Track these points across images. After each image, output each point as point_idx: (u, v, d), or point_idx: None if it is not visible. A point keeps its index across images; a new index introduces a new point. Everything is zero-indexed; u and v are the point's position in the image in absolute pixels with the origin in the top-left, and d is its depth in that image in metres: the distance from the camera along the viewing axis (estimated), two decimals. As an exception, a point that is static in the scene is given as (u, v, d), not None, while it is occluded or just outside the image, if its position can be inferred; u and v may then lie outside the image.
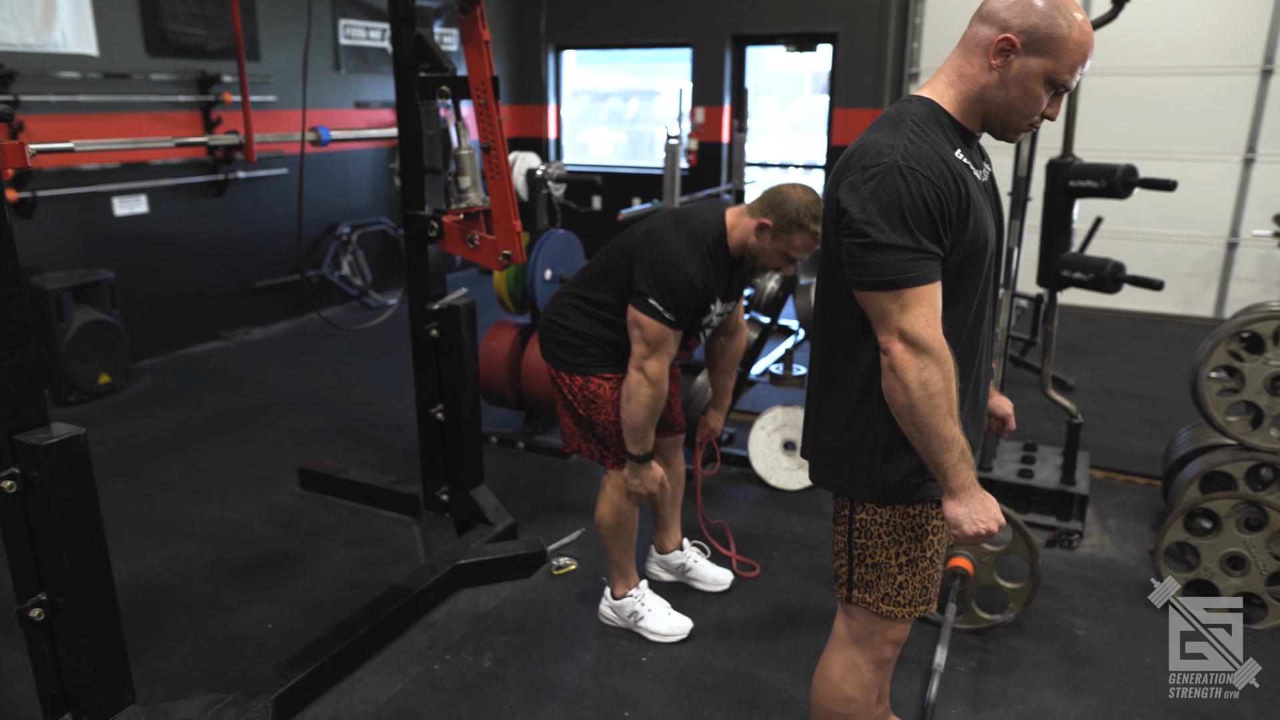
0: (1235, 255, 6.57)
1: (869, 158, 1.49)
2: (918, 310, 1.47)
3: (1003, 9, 1.50)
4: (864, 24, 7.26)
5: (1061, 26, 1.45)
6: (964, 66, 1.56)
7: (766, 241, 2.38)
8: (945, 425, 1.48)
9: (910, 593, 1.69)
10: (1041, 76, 1.49)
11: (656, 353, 2.35)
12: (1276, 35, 6.14)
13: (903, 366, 1.47)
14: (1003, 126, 1.57)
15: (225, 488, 3.78)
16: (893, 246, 1.45)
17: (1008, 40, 1.48)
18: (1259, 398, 2.88)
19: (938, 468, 1.53)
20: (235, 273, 6.01)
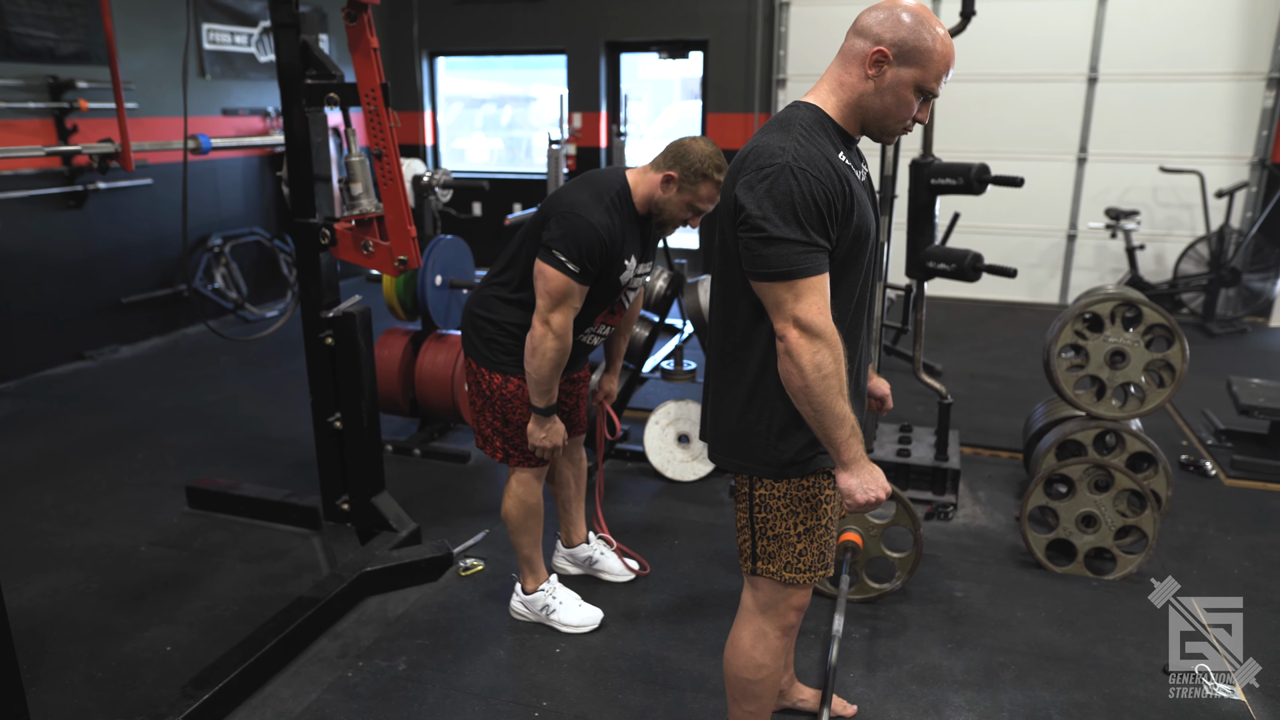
0: (1075, 246, 7.18)
1: (763, 158, 1.62)
2: (810, 299, 1.60)
3: (875, 24, 1.65)
4: (733, 32, 7.53)
5: (927, 40, 1.62)
6: (843, 76, 1.70)
7: (673, 193, 2.41)
8: (837, 404, 1.63)
9: (809, 559, 1.83)
10: (912, 85, 1.65)
11: (560, 306, 2.36)
12: (1099, 47, 6.76)
13: (798, 351, 1.60)
14: (879, 130, 1.73)
15: (105, 512, 3.61)
16: (786, 240, 1.58)
17: (880, 53, 1.63)
18: (1101, 371, 3.20)
19: (831, 443, 1.67)
20: (98, 289, 5.70)
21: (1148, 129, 6.79)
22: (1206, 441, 4.23)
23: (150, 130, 5.72)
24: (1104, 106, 6.87)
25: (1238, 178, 6.61)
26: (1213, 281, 6.41)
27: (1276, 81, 6.45)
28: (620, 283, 2.49)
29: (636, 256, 2.50)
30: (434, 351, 4.03)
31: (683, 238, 8.39)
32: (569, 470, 2.98)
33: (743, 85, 7.61)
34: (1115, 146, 6.91)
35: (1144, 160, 6.81)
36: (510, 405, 2.58)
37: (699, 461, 3.89)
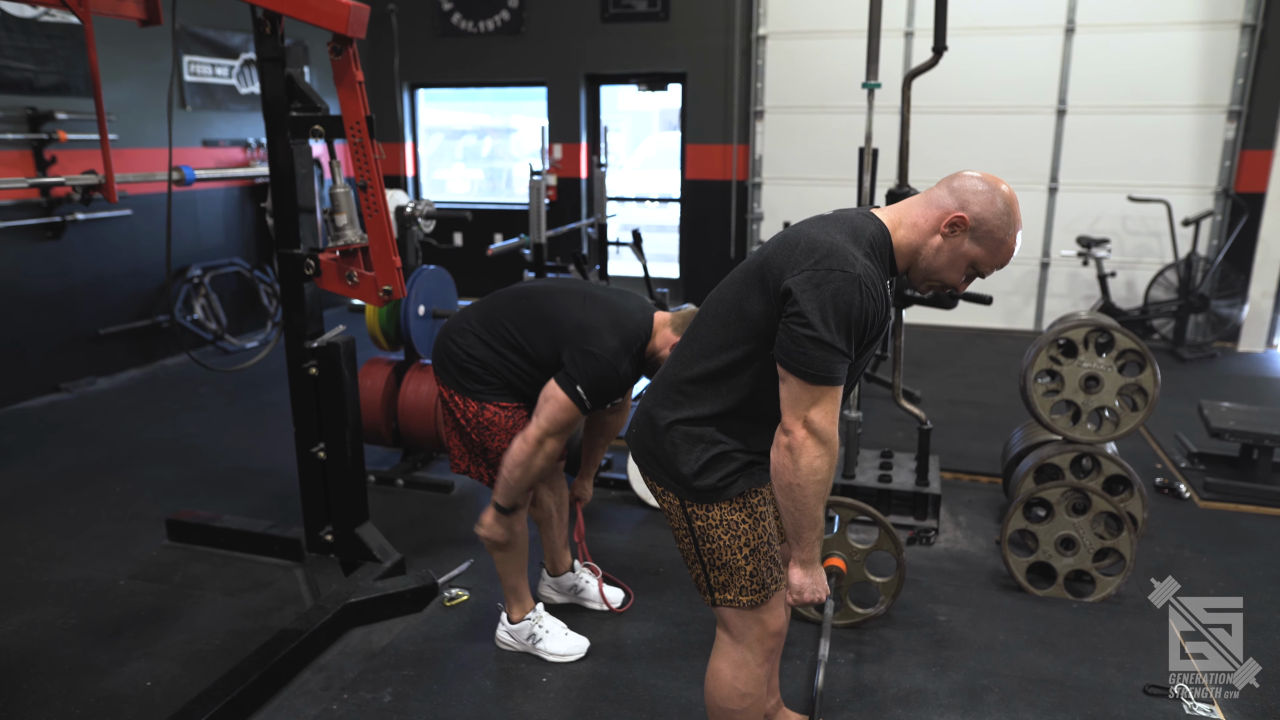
0: (1048, 274, 7.31)
1: (835, 260, 1.65)
2: (827, 406, 1.67)
3: (969, 192, 1.73)
4: (711, 65, 7.65)
5: (1005, 230, 1.72)
6: (920, 220, 1.76)
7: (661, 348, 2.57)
8: (818, 508, 1.72)
9: (761, 576, 1.87)
10: (970, 259, 1.74)
11: (558, 435, 2.48)
12: (1067, 80, 6.94)
13: (800, 450, 1.66)
14: (922, 279, 1.81)
15: (83, 546, 3.57)
16: (832, 348, 1.63)
17: (962, 220, 1.71)
18: (1076, 396, 3.26)
19: (799, 540, 1.76)
20: (76, 320, 5.65)
21: (1115, 160, 6.96)
22: (1180, 464, 4.31)
23: (130, 161, 5.72)
24: (1073, 138, 7.04)
25: (1203, 207, 6.77)
26: (1182, 308, 6.55)
27: (1237, 114, 6.64)
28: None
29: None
30: (417, 381, 4.04)
31: (663, 268, 8.46)
32: (550, 499, 2.98)
33: (721, 117, 7.72)
34: (1085, 176, 7.07)
35: (1113, 190, 6.97)
36: (487, 432, 2.62)
37: (682, 489, 3.90)
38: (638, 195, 9.15)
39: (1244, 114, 6.62)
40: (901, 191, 3.59)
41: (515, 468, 2.50)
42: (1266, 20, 6.46)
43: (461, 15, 8.20)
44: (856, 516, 2.94)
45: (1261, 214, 6.54)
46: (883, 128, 4.63)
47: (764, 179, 7.73)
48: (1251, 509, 3.89)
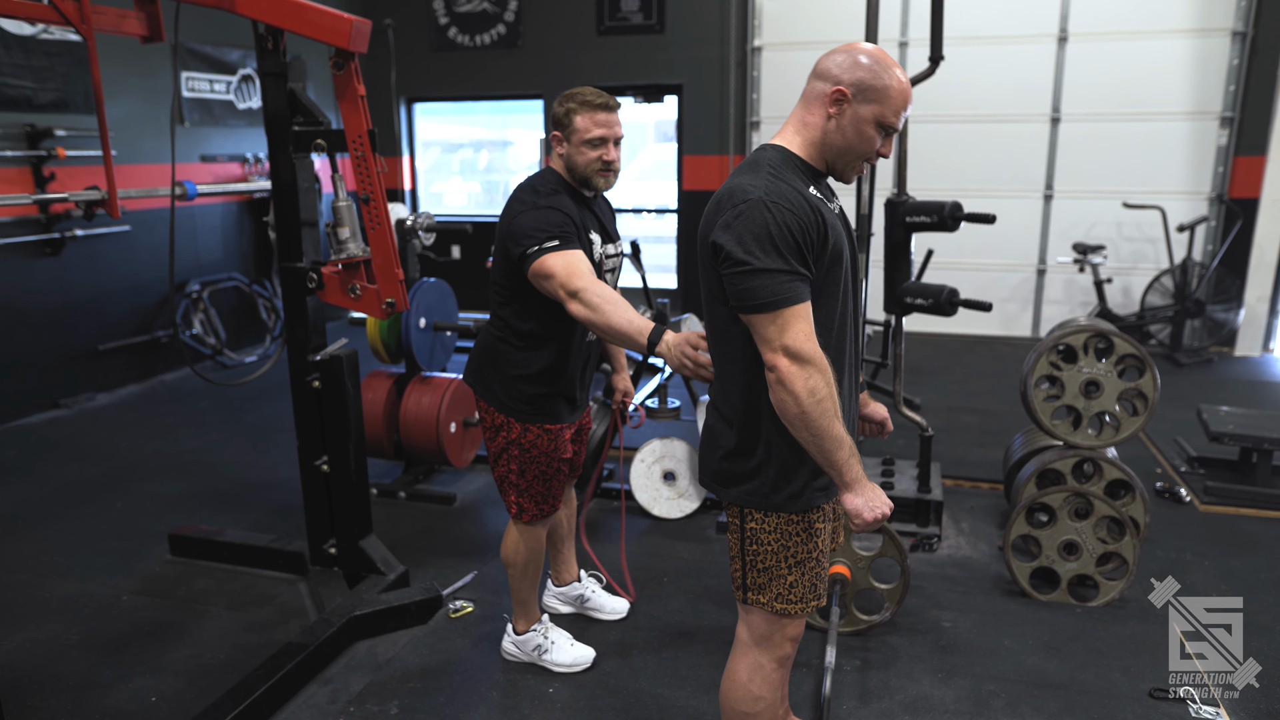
0: (1045, 280, 7.34)
1: (736, 197, 1.68)
2: (796, 327, 1.65)
3: (834, 66, 1.74)
4: (706, 77, 7.70)
5: (884, 78, 1.71)
6: (806, 116, 1.78)
7: (569, 148, 2.43)
8: (834, 426, 1.67)
9: (801, 590, 1.86)
10: (872, 120, 1.73)
11: (576, 277, 2.23)
12: (1060, 89, 6.99)
13: (790, 378, 1.64)
14: (843, 165, 1.80)
15: (86, 561, 3.56)
16: (768, 270, 1.63)
17: (840, 92, 1.72)
18: (1076, 401, 3.28)
19: (832, 465, 1.70)
20: (75, 336, 5.66)
21: (1110, 166, 7.00)
22: (1180, 468, 4.32)
23: (129, 177, 5.73)
24: (1067, 145, 7.08)
25: (1197, 212, 6.81)
26: (1178, 313, 6.58)
27: (1229, 120, 6.69)
28: (592, 260, 2.43)
29: (599, 234, 2.51)
30: (418, 394, 4.04)
31: (662, 278, 8.47)
32: (561, 510, 2.99)
33: (717, 128, 7.76)
34: (1080, 184, 7.11)
35: (1107, 196, 7.01)
36: (528, 456, 2.58)
37: (685, 499, 3.91)
38: (635, 207, 9.18)
39: (1236, 120, 6.67)
40: (900, 200, 3.61)
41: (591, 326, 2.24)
42: (1257, 28, 6.52)
43: (458, 29, 8.24)
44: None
45: (1255, 219, 6.58)
46: (879, 137, 4.67)
47: (760, 189, 7.75)
48: (1251, 512, 3.90)
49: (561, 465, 2.67)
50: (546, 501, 2.65)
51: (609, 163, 2.44)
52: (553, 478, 2.65)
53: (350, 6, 8.13)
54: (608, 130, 2.42)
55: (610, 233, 2.60)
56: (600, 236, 2.51)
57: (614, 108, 2.43)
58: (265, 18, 2.72)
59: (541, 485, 2.63)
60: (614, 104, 2.44)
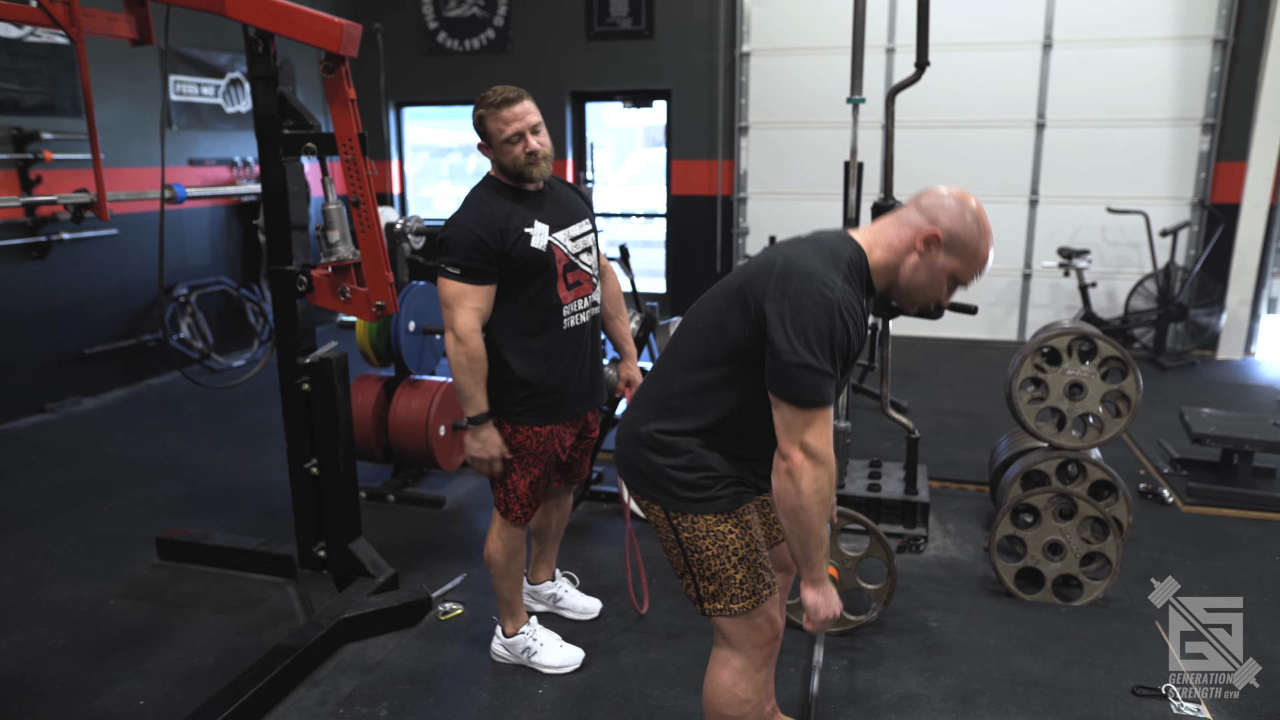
0: (1030, 284, 7.40)
1: (813, 284, 1.70)
2: (820, 428, 1.71)
3: (939, 209, 1.78)
4: (695, 82, 7.73)
5: (978, 241, 1.76)
6: (895, 240, 1.81)
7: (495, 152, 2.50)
8: (822, 527, 1.75)
9: (750, 583, 1.89)
10: (949, 272, 1.79)
11: (458, 309, 2.42)
12: (1045, 94, 7.06)
13: (800, 473, 1.70)
14: (905, 299, 1.86)
15: (72, 566, 3.55)
16: (819, 371, 1.68)
17: (935, 237, 1.76)
18: (1061, 403, 3.31)
19: (807, 560, 1.78)
20: (61, 340, 5.63)
21: (1094, 172, 7.07)
22: (1163, 470, 4.37)
23: (117, 181, 5.71)
24: (1052, 151, 7.14)
25: (1180, 217, 6.88)
26: (1161, 317, 6.65)
27: (1211, 127, 6.77)
28: (539, 250, 2.49)
29: (543, 221, 2.52)
30: (407, 397, 4.05)
31: (650, 283, 8.50)
32: (554, 514, 3.03)
33: (706, 133, 7.80)
34: (1065, 189, 7.18)
35: (1092, 201, 7.07)
36: (519, 455, 2.63)
37: (673, 501, 3.92)
38: (624, 211, 9.21)
39: (1218, 127, 6.75)
40: (887, 204, 3.64)
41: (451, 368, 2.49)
42: (1238, 36, 6.60)
43: (447, 34, 8.25)
44: (847, 525, 2.97)
45: (1237, 224, 6.65)
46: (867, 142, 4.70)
47: (749, 194, 7.80)
48: (1233, 513, 3.95)
49: (551, 468, 2.70)
50: (532, 504, 2.69)
51: (533, 153, 2.49)
52: (540, 480, 2.67)
53: (340, 10, 8.14)
54: (520, 123, 2.46)
55: (569, 216, 2.61)
56: (549, 224, 2.53)
57: (517, 100, 2.47)
58: (256, 21, 2.73)
59: (528, 488, 2.66)
60: (516, 96, 2.47)
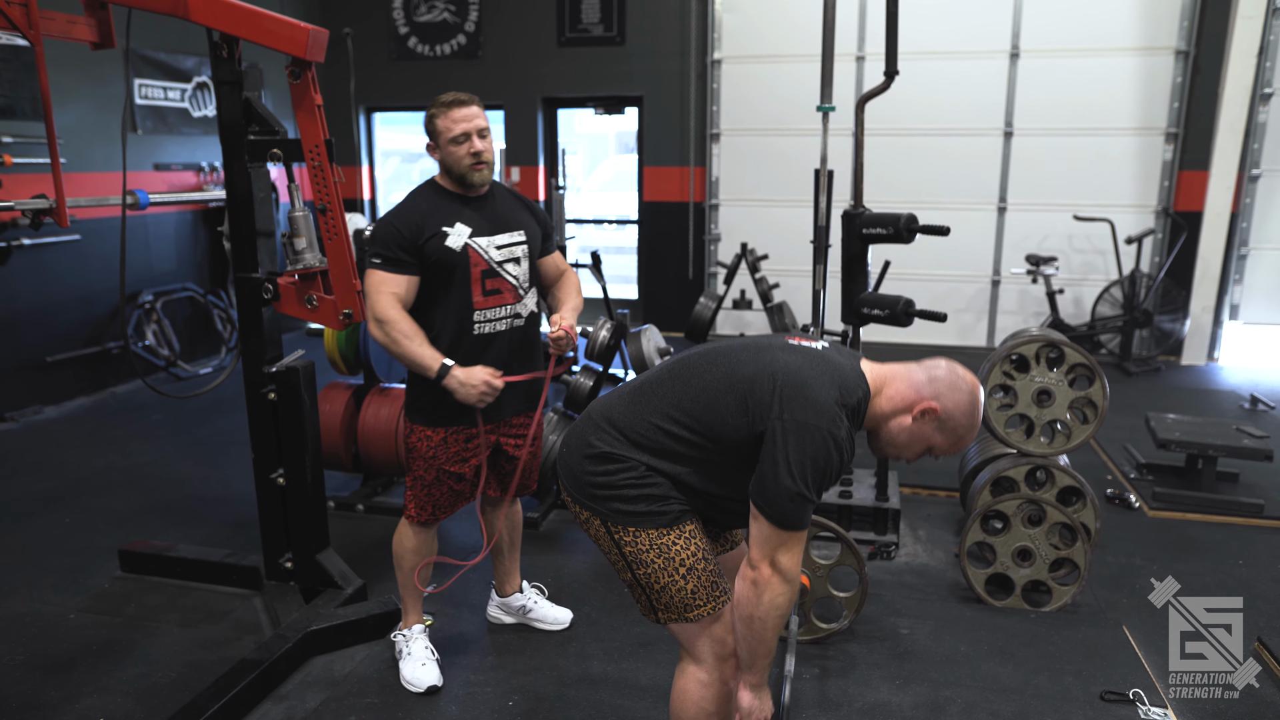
0: (999, 291, 7.48)
1: (823, 420, 1.71)
2: (794, 548, 1.75)
3: (949, 387, 1.81)
4: (667, 89, 7.74)
5: (968, 429, 1.83)
6: (898, 396, 1.84)
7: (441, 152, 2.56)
8: (774, 639, 1.81)
9: (704, 592, 1.87)
10: (928, 441, 1.84)
11: (376, 295, 2.49)
12: (1012, 103, 7.15)
13: (765, 587, 1.74)
14: (882, 447, 1.90)
15: (32, 579, 3.46)
16: (807, 501, 1.71)
17: (934, 411, 1.80)
18: (1029, 410, 3.34)
19: (752, 665, 1.84)
20: (21, 347, 5.52)
21: (1061, 180, 7.17)
22: (1129, 475, 4.42)
23: (79, 185, 5.61)
24: (1020, 159, 7.24)
25: (1145, 225, 7.00)
26: (1127, 323, 6.75)
27: (1174, 136, 6.89)
28: (451, 249, 2.52)
29: (467, 224, 2.55)
30: (377, 405, 4.00)
31: (623, 289, 8.49)
32: (503, 525, 3.00)
33: (678, 140, 7.81)
34: (1032, 196, 7.27)
35: (1059, 209, 7.17)
36: (412, 454, 2.67)
37: (646, 509, 3.91)
38: (596, 217, 9.20)
39: (1180, 136, 6.87)
40: (856, 212, 3.66)
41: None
42: (1199, 47, 6.73)
43: (418, 39, 8.21)
44: (819, 533, 2.97)
45: (1199, 232, 6.77)
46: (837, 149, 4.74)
47: (721, 200, 7.82)
48: (1197, 517, 4.00)
49: (446, 476, 2.67)
50: (426, 508, 2.71)
51: (477, 154, 2.53)
52: (433, 485, 2.68)
53: (309, 15, 8.07)
54: (468, 124, 2.52)
55: (501, 224, 2.63)
56: (473, 228, 2.56)
57: (469, 103, 2.56)
58: (220, 25, 2.69)
59: (422, 489, 2.69)
60: (468, 99, 2.57)
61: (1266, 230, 6.90)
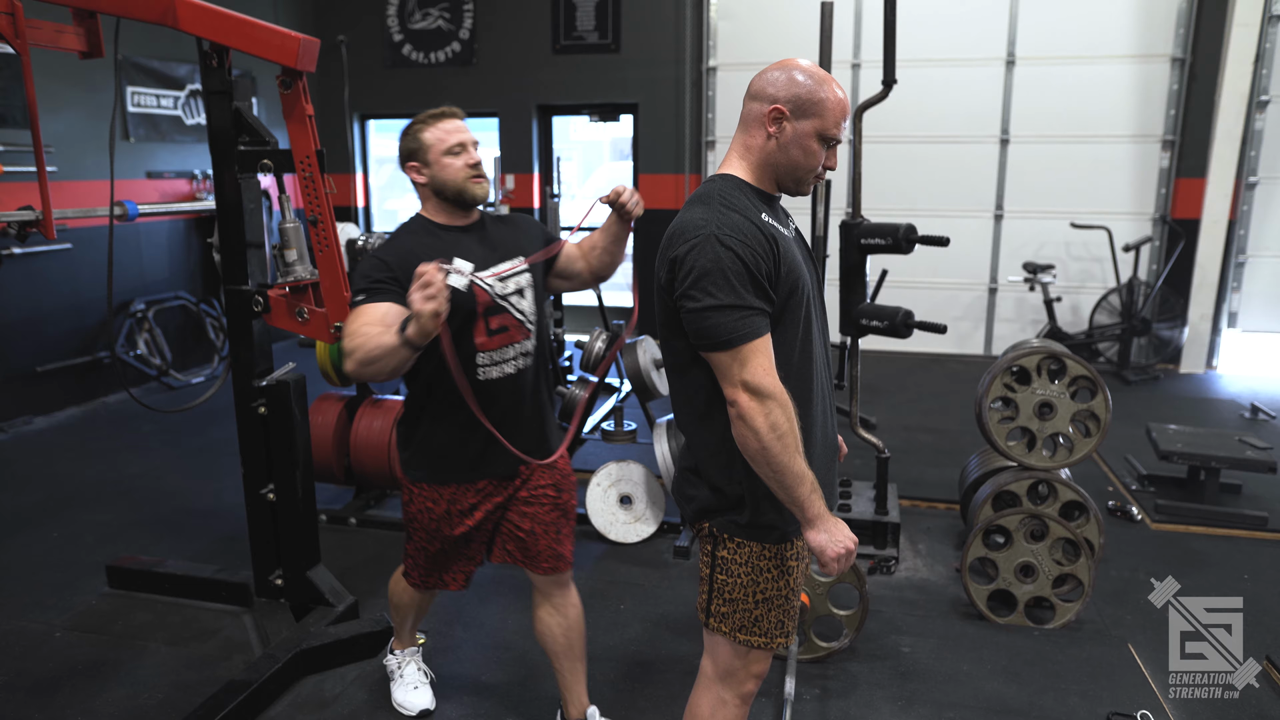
0: (996, 299, 7.45)
1: (688, 232, 1.66)
2: (755, 362, 1.62)
3: (768, 86, 1.74)
4: (662, 96, 7.71)
5: (819, 92, 1.70)
6: (748, 140, 1.77)
7: (432, 169, 2.26)
8: (795, 462, 1.64)
9: (767, 625, 1.81)
10: (813, 135, 1.72)
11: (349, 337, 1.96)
12: (1009, 111, 7.13)
13: (750, 414, 1.61)
14: (794, 182, 1.78)
15: (17, 596, 3.40)
16: (722, 308, 1.61)
17: (777, 110, 1.71)
18: (1031, 423, 3.30)
19: (794, 501, 1.67)
20: (10, 357, 5.45)
21: (1058, 187, 7.15)
22: (1131, 487, 4.38)
23: (71, 194, 5.56)
24: (1016, 166, 7.22)
25: (1142, 232, 6.97)
26: (1125, 331, 6.71)
27: (1170, 144, 6.87)
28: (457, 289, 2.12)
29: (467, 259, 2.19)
30: (369, 417, 3.95)
31: (618, 296, 8.45)
32: (552, 618, 2.39)
33: (673, 147, 7.77)
34: (1029, 204, 7.25)
35: (1056, 216, 7.14)
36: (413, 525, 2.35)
37: (642, 523, 3.86)
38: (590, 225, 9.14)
39: (1177, 143, 6.85)
40: (855, 223, 3.62)
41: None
42: (1195, 55, 6.71)
43: (412, 46, 8.17)
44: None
45: (1197, 239, 6.75)
46: (834, 158, 4.71)
47: (717, 208, 7.77)
48: (1201, 529, 3.96)
49: (451, 545, 2.31)
50: (425, 571, 2.40)
51: (475, 164, 2.27)
52: (438, 555, 2.35)
53: (303, 22, 8.03)
54: (462, 135, 2.28)
55: (498, 254, 2.27)
56: (474, 262, 2.20)
57: (459, 115, 2.32)
58: (210, 35, 2.65)
59: (425, 560, 2.38)
60: (456, 112, 2.33)
61: (1264, 237, 6.88)
